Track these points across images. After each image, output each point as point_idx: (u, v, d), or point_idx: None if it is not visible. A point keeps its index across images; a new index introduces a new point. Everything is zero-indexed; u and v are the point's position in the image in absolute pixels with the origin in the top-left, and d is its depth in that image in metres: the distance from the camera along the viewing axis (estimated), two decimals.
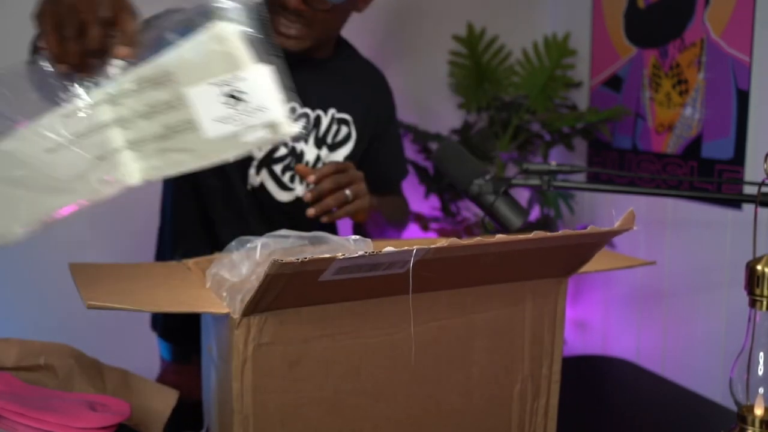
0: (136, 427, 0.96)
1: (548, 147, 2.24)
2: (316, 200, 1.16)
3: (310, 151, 1.33)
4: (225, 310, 0.79)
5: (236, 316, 0.77)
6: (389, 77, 2.36)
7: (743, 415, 0.89)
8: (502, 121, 2.28)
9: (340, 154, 1.36)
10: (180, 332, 1.39)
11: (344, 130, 1.36)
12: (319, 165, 1.34)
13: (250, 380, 0.79)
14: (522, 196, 2.29)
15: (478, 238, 0.77)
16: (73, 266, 0.92)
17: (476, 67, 2.29)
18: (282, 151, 1.31)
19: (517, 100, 2.31)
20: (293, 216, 1.32)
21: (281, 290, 0.74)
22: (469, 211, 2.28)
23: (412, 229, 2.22)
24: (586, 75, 2.35)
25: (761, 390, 0.87)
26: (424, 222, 2.18)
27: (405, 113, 2.27)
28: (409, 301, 0.82)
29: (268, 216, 1.32)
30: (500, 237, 0.77)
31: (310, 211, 1.15)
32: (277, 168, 1.31)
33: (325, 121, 1.34)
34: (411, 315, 0.84)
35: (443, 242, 0.75)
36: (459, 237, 2.05)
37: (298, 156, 1.32)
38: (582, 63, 2.35)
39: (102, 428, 0.85)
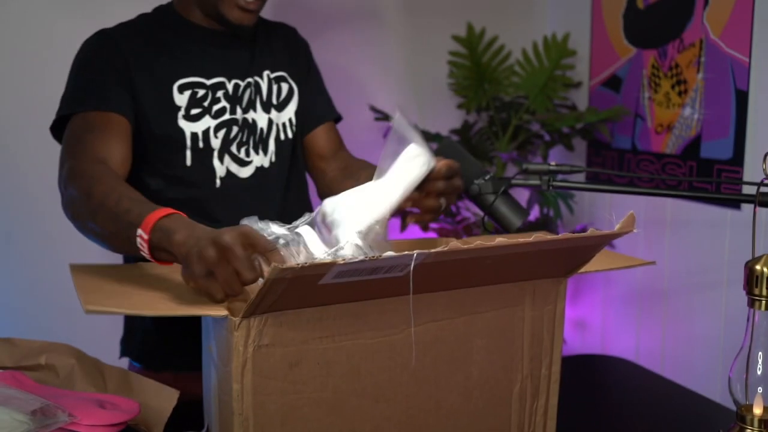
0: (136, 426, 0.96)
1: (548, 147, 2.24)
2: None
3: (261, 118, 1.33)
4: (224, 312, 0.79)
5: (236, 318, 0.77)
6: (389, 77, 2.37)
7: (742, 414, 0.89)
8: (501, 121, 2.28)
9: (290, 111, 1.37)
10: (150, 356, 1.37)
11: (285, 86, 1.37)
12: (273, 129, 1.34)
13: (250, 381, 0.79)
14: (522, 196, 2.29)
15: (479, 241, 0.77)
16: (73, 267, 0.92)
17: (476, 67, 2.29)
18: (234, 129, 1.30)
19: (516, 100, 2.31)
20: (253, 189, 1.32)
21: (281, 293, 0.74)
22: (469, 211, 2.28)
23: (412, 229, 2.22)
24: (586, 75, 2.35)
25: (760, 389, 0.88)
26: None
27: (405, 113, 2.27)
28: (409, 302, 0.82)
29: (234, 197, 1.31)
30: (500, 241, 0.77)
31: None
32: (234, 147, 1.31)
33: (264, 85, 1.34)
34: (411, 319, 0.84)
35: (443, 246, 0.75)
36: (459, 237, 2.06)
37: (251, 126, 1.32)
38: (581, 63, 2.35)
39: (112, 425, 0.86)
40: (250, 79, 1.33)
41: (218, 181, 1.30)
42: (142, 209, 0.94)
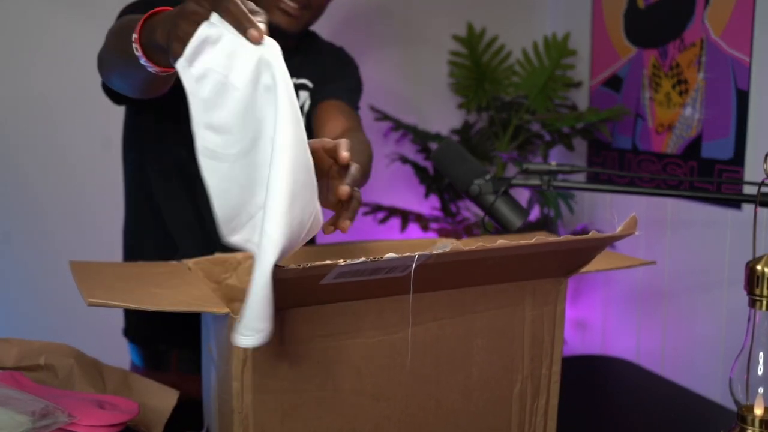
0: (136, 426, 0.96)
1: (548, 147, 2.24)
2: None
3: None
4: (225, 310, 0.79)
5: (236, 316, 0.77)
6: (389, 77, 2.36)
7: (743, 414, 0.89)
8: (502, 121, 2.28)
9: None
10: (152, 334, 1.35)
11: (302, 95, 1.37)
12: None
13: (250, 380, 0.79)
14: (522, 196, 2.29)
15: (480, 243, 0.77)
16: (73, 264, 0.92)
17: (476, 67, 2.29)
18: None
19: (516, 100, 2.31)
20: None
21: (282, 293, 0.74)
22: (469, 211, 2.28)
23: (412, 229, 2.22)
24: (586, 75, 2.35)
25: (761, 390, 0.88)
26: (424, 222, 2.18)
27: (405, 113, 2.27)
28: (409, 302, 0.82)
29: None
30: (501, 242, 0.77)
31: (346, 224, 0.87)
32: None
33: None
34: (410, 320, 0.84)
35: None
36: (459, 237, 2.06)
37: None
38: (582, 63, 2.35)
39: (111, 425, 0.86)
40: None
41: None
42: (139, 17, 0.83)
